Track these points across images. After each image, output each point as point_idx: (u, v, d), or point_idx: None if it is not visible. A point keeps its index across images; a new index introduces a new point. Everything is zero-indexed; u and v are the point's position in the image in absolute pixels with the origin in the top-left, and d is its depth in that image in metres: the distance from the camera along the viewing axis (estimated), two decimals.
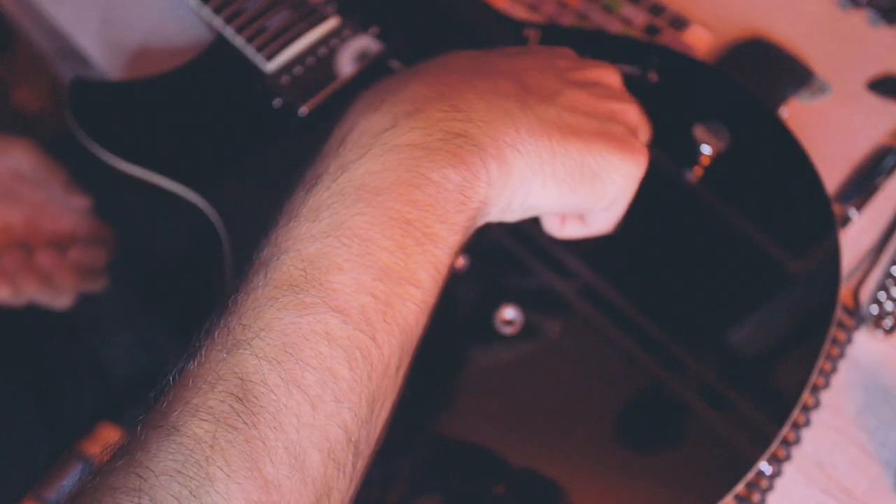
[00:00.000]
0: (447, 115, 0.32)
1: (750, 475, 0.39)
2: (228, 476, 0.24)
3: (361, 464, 0.29)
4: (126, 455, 0.26)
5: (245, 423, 0.25)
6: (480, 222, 0.34)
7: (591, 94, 0.37)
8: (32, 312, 0.55)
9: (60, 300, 0.56)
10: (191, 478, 0.24)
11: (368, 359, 0.28)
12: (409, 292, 0.29)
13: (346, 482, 0.28)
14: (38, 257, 0.53)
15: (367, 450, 0.29)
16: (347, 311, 0.28)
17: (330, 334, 0.27)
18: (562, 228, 0.42)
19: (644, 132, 0.42)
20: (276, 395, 0.26)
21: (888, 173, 0.52)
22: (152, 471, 0.25)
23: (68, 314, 0.57)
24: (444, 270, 0.31)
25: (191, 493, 0.24)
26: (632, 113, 0.38)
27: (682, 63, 0.53)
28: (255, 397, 0.26)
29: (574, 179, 0.34)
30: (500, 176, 0.32)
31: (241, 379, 0.26)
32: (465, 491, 0.40)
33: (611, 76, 0.40)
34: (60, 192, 0.58)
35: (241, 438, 0.25)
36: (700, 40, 0.59)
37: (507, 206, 0.34)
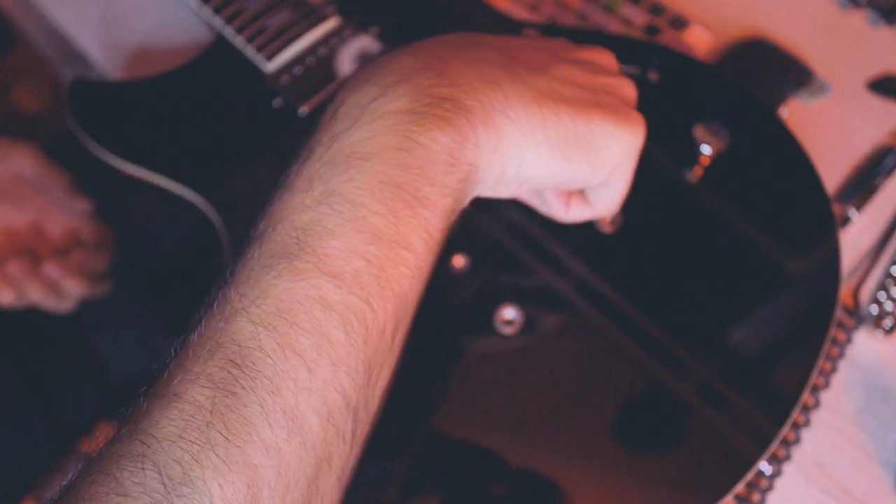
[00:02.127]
0: (434, 82, 0.32)
1: (750, 475, 0.39)
2: (228, 440, 0.25)
3: (361, 431, 0.29)
4: (129, 424, 0.26)
5: (243, 387, 0.26)
6: (474, 189, 0.34)
7: (584, 70, 0.37)
8: (33, 313, 0.55)
9: (63, 305, 0.56)
10: (192, 442, 0.25)
11: (363, 323, 0.28)
12: (401, 256, 0.29)
13: (346, 448, 0.28)
14: (46, 268, 0.53)
15: (366, 417, 0.29)
16: (341, 276, 0.28)
17: (324, 299, 0.27)
18: (567, 212, 0.41)
19: None
20: (272, 359, 0.26)
21: (888, 173, 0.52)
22: (155, 437, 0.25)
23: (69, 314, 0.57)
24: (436, 235, 0.31)
25: (192, 457, 0.24)
26: (627, 87, 0.38)
27: (682, 63, 0.53)
28: (252, 362, 0.26)
29: (569, 147, 0.34)
30: (489, 139, 0.32)
31: (239, 346, 0.26)
32: (465, 491, 0.40)
33: (605, 57, 0.39)
34: (63, 195, 0.58)
35: (240, 403, 0.25)
36: (700, 40, 0.59)
37: (502, 175, 0.34)
